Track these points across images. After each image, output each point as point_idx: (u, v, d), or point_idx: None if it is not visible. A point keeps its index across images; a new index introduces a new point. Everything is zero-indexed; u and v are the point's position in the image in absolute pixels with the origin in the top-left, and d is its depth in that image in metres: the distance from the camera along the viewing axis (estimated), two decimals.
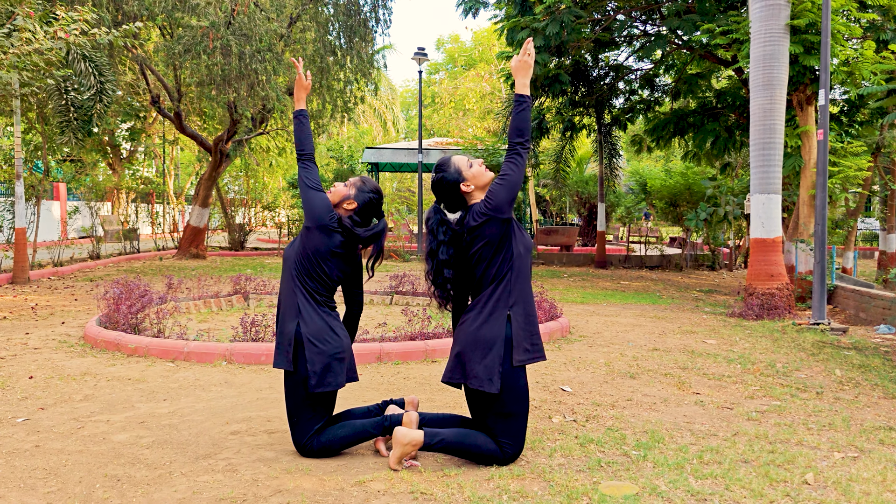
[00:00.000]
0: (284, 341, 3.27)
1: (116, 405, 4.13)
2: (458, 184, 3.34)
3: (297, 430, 3.25)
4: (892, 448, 3.71)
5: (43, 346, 5.88)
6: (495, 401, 3.16)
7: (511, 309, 3.19)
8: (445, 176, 3.35)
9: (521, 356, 3.17)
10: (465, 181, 3.33)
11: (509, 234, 3.20)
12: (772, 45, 9.23)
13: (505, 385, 3.14)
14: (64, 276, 11.89)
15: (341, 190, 3.50)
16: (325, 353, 3.24)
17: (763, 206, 9.39)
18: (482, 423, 3.26)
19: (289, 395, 3.25)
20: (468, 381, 3.18)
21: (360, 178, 3.58)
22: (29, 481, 2.97)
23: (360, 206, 3.49)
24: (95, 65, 10.42)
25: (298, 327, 3.25)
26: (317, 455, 3.25)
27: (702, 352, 6.22)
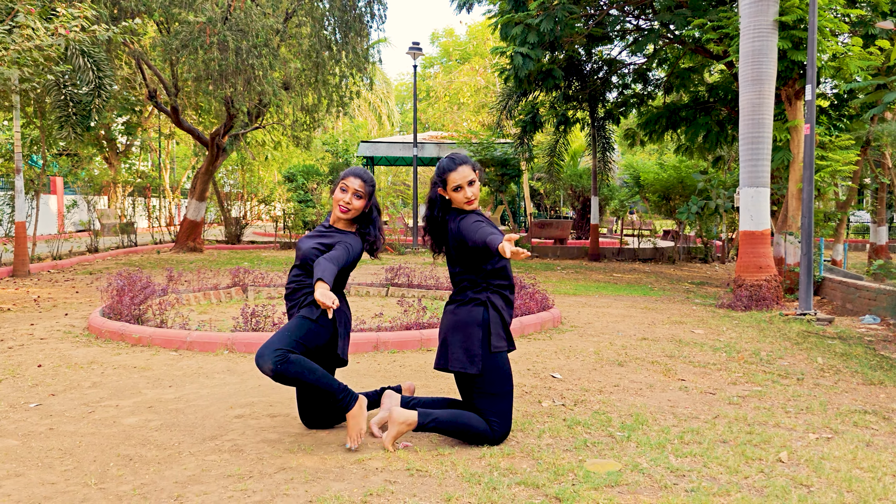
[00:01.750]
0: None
1: (124, 391, 4.30)
2: (437, 184, 3.52)
3: (282, 341, 3.29)
4: (865, 430, 3.90)
5: (49, 337, 6.05)
6: (480, 382, 3.36)
7: (488, 298, 3.40)
8: (437, 169, 3.51)
9: (497, 343, 3.37)
10: (442, 188, 3.49)
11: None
12: (760, 41, 9.40)
13: (486, 366, 3.34)
14: (63, 270, 12.03)
15: (361, 204, 3.60)
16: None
17: (752, 200, 9.57)
18: (471, 404, 3.44)
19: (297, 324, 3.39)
20: (450, 365, 3.38)
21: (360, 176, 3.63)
22: (46, 460, 3.14)
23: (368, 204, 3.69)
24: (94, 60, 10.55)
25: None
26: (279, 370, 3.21)
27: (689, 341, 6.41)
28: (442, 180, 3.47)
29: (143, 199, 24.94)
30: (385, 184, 43.11)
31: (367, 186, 3.58)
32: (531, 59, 12.94)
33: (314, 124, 17.85)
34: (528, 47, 12.86)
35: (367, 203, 3.62)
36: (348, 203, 3.54)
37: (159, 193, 26.10)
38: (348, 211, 3.56)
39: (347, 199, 3.54)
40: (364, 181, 3.58)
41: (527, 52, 12.80)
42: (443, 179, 3.47)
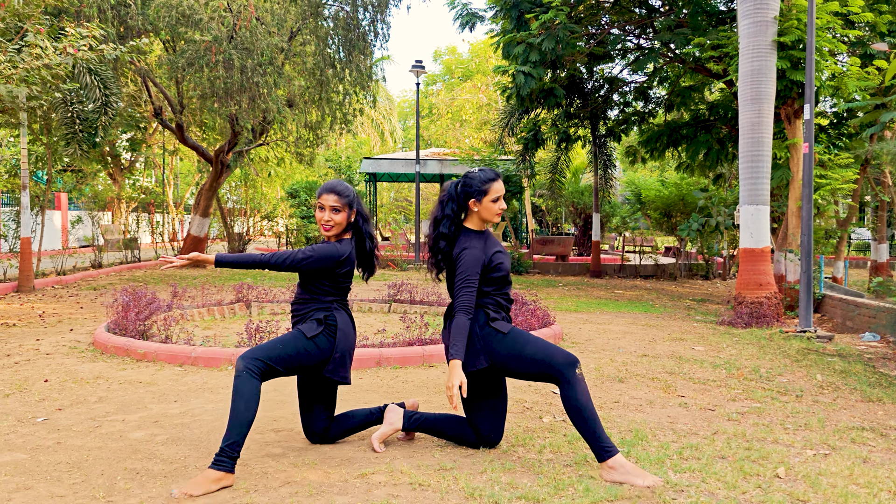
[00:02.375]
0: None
1: (130, 406, 4.35)
2: (471, 195, 3.53)
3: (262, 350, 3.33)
4: (863, 446, 3.94)
5: (54, 352, 6.11)
6: (507, 364, 3.42)
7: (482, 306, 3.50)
8: (473, 180, 3.54)
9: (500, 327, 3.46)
10: (473, 200, 3.53)
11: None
12: (759, 61, 9.52)
13: (501, 353, 3.41)
14: (68, 285, 12.10)
15: (342, 217, 3.59)
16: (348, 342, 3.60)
17: (752, 217, 9.65)
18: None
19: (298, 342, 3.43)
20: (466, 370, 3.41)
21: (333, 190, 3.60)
22: (54, 474, 3.19)
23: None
24: (101, 78, 10.67)
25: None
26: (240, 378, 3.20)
27: (689, 358, 6.46)
28: (482, 191, 3.51)
29: (147, 215, 25.07)
30: (387, 200, 43.26)
31: (342, 199, 3.55)
32: (533, 78, 13.07)
33: (317, 141, 17.97)
34: (529, 66, 12.99)
35: (350, 213, 3.60)
36: (328, 220, 3.53)
37: (163, 209, 26.23)
38: (331, 228, 3.55)
39: (327, 217, 3.53)
40: (338, 194, 3.54)
41: (528, 70, 12.93)
42: (483, 190, 3.50)
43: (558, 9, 12.72)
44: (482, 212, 3.54)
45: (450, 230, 3.55)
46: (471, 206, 3.54)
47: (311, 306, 3.57)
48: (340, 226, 3.57)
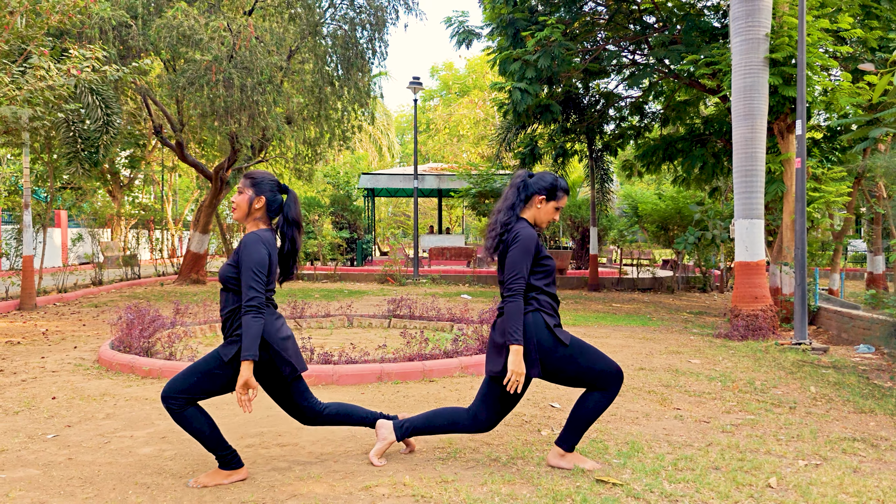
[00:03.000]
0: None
1: (137, 422, 4.45)
2: (538, 193, 3.66)
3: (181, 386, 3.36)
4: (853, 456, 4.04)
5: (60, 369, 6.20)
6: (552, 375, 3.52)
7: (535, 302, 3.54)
8: (549, 180, 3.68)
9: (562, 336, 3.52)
10: (542, 198, 3.65)
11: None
12: (752, 77, 9.67)
13: (557, 363, 3.48)
14: (69, 302, 12.19)
15: (241, 198, 3.52)
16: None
17: (746, 231, 9.77)
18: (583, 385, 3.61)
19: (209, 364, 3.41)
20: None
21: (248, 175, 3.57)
22: (67, 489, 3.28)
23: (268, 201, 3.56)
24: (102, 98, 10.83)
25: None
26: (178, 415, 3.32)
27: (685, 371, 6.56)
28: (555, 195, 3.66)
29: (147, 232, 25.19)
30: (385, 215, 43.43)
31: (245, 179, 3.54)
32: (529, 94, 13.23)
33: (316, 157, 18.13)
34: (526, 83, 13.16)
35: (255, 198, 3.50)
36: (234, 201, 3.53)
37: (162, 226, 26.34)
38: (235, 209, 3.52)
39: (234, 198, 3.53)
40: (244, 176, 3.56)
41: (525, 87, 13.10)
42: (556, 195, 3.67)
43: (553, 26, 12.91)
44: (543, 212, 3.68)
45: (515, 212, 3.66)
46: (535, 201, 3.66)
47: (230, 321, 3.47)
48: (242, 208, 3.50)
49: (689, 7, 14.82)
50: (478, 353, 6.58)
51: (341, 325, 9.31)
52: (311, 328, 8.96)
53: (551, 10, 14.66)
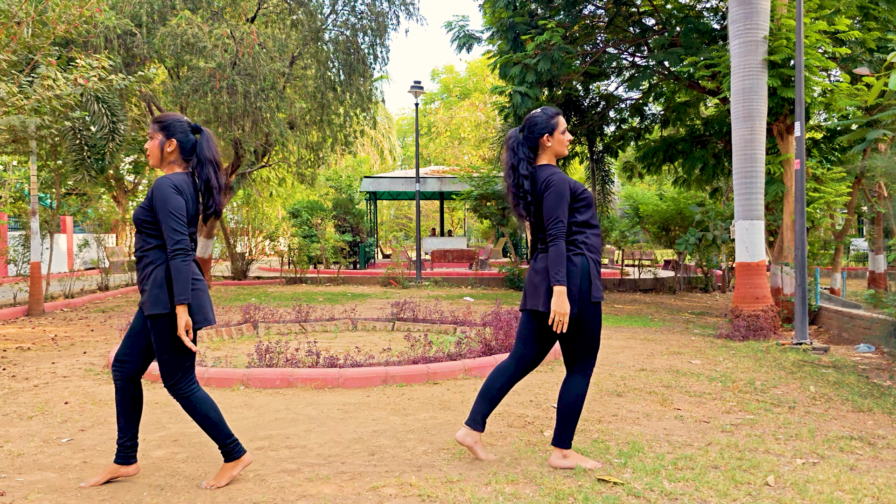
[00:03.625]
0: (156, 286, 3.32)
1: (149, 426, 4.54)
2: (544, 132, 3.77)
3: (169, 369, 3.37)
4: (850, 454, 4.13)
5: (71, 375, 6.30)
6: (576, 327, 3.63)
7: (583, 244, 3.65)
8: (539, 119, 3.79)
9: (596, 294, 3.62)
10: (549, 136, 3.77)
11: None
12: (751, 80, 9.76)
13: (586, 312, 3.60)
14: (76, 308, 12.30)
15: (152, 144, 3.48)
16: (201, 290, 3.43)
17: (747, 232, 9.86)
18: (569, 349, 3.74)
19: (161, 336, 3.33)
20: (541, 307, 3.61)
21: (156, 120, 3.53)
22: (84, 491, 3.38)
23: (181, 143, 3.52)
24: (108, 106, 10.94)
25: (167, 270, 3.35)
26: (186, 399, 3.41)
27: (686, 371, 6.65)
28: (551, 125, 3.76)
29: None
30: (388, 217, 43.54)
31: (153, 124, 3.51)
32: (530, 98, 13.34)
33: (318, 161, 18.24)
34: (526, 86, 13.26)
35: (165, 141, 3.47)
36: (146, 147, 3.51)
37: None
38: (149, 156, 3.53)
39: (146, 145, 3.50)
40: (152, 122, 3.52)
41: (525, 90, 13.20)
42: (553, 125, 3.76)
43: (553, 30, 13.01)
44: (556, 145, 3.79)
45: (527, 171, 3.75)
46: (544, 142, 3.78)
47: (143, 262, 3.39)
48: (154, 153, 3.49)
49: (689, 9, 14.93)
50: (481, 355, 6.68)
51: (345, 328, 9.41)
52: (316, 332, 9.06)
53: (551, 14, 14.77)
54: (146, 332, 3.43)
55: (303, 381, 5.76)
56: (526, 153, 3.79)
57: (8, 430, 4.50)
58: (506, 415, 4.87)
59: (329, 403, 5.19)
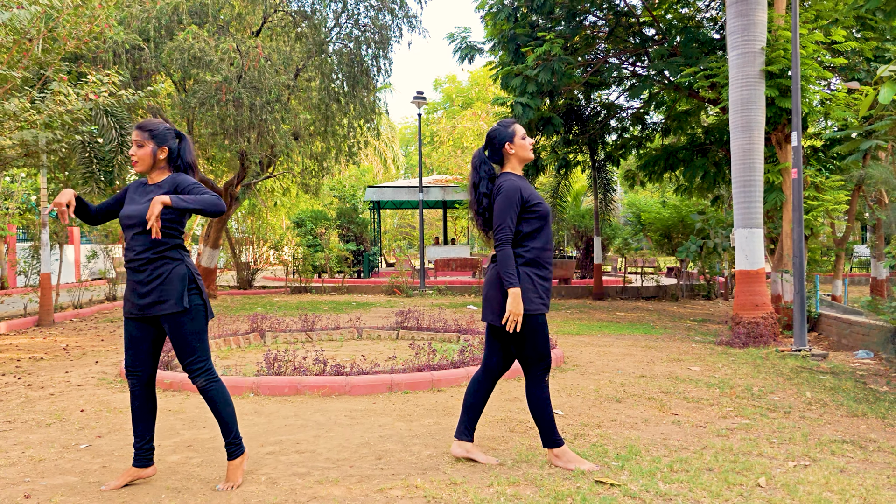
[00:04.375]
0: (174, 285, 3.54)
1: (163, 432, 4.70)
2: (504, 142, 4.00)
3: (203, 356, 3.64)
4: (841, 457, 4.27)
5: (85, 383, 6.47)
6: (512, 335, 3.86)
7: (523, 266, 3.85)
8: (497, 132, 4.02)
9: (531, 306, 3.79)
10: (510, 143, 3.99)
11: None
12: (748, 90, 9.92)
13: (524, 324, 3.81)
14: (85, 318, 12.49)
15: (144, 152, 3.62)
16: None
17: (746, 240, 10.00)
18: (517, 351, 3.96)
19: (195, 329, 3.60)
20: (482, 318, 3.92)
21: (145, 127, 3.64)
22: (105, 494, 3.54)
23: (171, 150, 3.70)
24: (117, 119, 11.14)
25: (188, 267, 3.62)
26: (215, 383, 3.65)
27: (685, 378, 6.79)
28: (509, 133, 3.98)
29: None
30: (391, 226, 43.72)
31: (143, 132, 3.61)
32: (531, 109, 13.50)
33: (322, 171, 18.44)
34: (527, 97, 13.44)
35: (157, 149, 3.63)
36: (134, 154, 3.62)
37: None
38: (136, 163, 3.62)
39: (133, 152, 3.63)
40: (141, 129, 3.62)
41: (526, 101, 13.37)
42: (510, 132, 3.98)
43: (553, 41, 13.19)
44: (519, 150, 4.00)
45: (488, 188, 3.98)
46: (507, 150, 4.00)
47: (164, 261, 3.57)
48: (145, 161, 3.62)
49: (688, 20, 15.11)
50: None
51: (351, 337, 9.57)
52: (322, 341, 9.22)
53: (552, 25, 14.96)
54: (147, 337, 3.64)
55: (311, 389, 5.92)
56: (487, 170, 3.99)
57: (28, 436, 4.67)
58: (507, 420, 5.02)
59: (336, 410, 5.35)
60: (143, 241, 3.51)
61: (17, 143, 8.88)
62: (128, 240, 3.56)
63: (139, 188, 3.68)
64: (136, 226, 3.51)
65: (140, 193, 3.64)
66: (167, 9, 12.67)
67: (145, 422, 3.67)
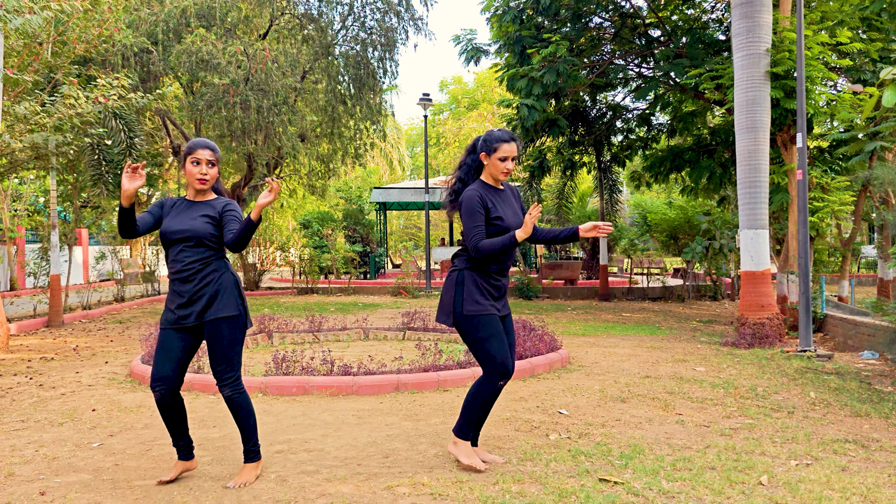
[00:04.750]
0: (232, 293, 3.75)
1: None
2: (483, 149, 3.97)
3: (236, 367, 3.74)
4: (843, 456, 4.31)
5: (95, 384, 6.55)
6: (461, 334, 3.90)
7: (467, 268, 3.90)
8: (490, 135, 3.98)
9: (468, 307, 3.83)
10: (487, 155, 3.95)
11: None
12: (754, 91, 9.95)
13: (459, 322, 3.85)
14: (94, 319, 12.59)
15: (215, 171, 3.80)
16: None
17: (751, 241, 10.03)
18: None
19: (236, 339, 3.73)
20: (435, 319, 3.98)
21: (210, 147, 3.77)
22: (118, 491, 3.62)
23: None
24: (125, 121, 11.25)
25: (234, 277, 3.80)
26: (241, 395, 3.73)
27: (690, 378, 6.83)
28: (493, 147, 3.92)
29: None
30: (397, 227, 43.80)
31: (215, 153, 3.77)
32: (536, 110, 13.56)
33: (329, 173, 18.53)
34: (533, 99, 13.49)
35: (218, 168, 3.84)
36: (205, 174, 3.73)
37: None
38: (207, 181, 3.74)
39: (204, 171, 3.72)
40: (213, 150, 3.76)
41: (532, 103, 13.42)
42: (493, 147, 3.92)
43: (558, 43, 13.24)
44: (490, 166, 3.97)
45: (467, 175, 4.01)
46: (482, 157, 3.99)
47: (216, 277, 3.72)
48: (213, 179, 3.79)
49: (694, 21, 15.14)
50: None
51: (357, 337, 9.63)
52: (329, 341, 9.29)
53: (557, 27, 15.01)
54: (185, 347, 3.71)
55: (318, 389, 5.98)
56: (473, 160, 4.04)
57: (41, 435, 4.75)
58: (513, 420, 5.08)
59: (344, 410, 5.41)
60: (191, 253, 3.67)
61: (27, 145, 8.97)
62: (174, 253, 3.69)
63: (180, 204, 3.79)
64: (188, 239, 3.66)
65: (183, 209, 3.75)
66: (175, 12, 12.78)
67: (181, 423, 3.78)
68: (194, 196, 3.81)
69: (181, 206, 3.78)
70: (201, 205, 3.77)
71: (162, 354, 3.69)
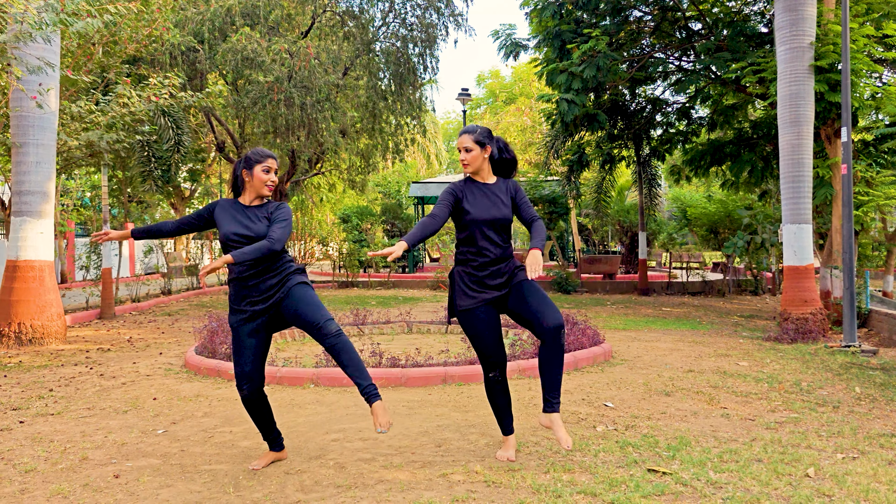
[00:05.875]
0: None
1: (233, 419, 4.99)
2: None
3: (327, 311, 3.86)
4: (890, 450, 4.35)
5: (153, 374, 6.82)
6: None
7: (455, 266, 4.10)
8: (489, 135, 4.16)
9: (459, 301, 3.98)
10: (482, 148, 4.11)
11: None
12: (797, 85, 9.87)
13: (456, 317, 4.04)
14: (144, 311, 12.97)
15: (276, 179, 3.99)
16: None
17: (794, 236, 9.97)
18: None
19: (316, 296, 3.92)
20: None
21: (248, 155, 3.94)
22: (186, 474, 3.82)
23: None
24: (174, 119, 11.57)
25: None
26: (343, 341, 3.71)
27: (733, 373, 6.87)
28: (485, 143, 4.12)
29: (208, 242, 26.20)
30: None
31: (277, 162, 4.01)
32: (576, 105, 13.57)
33: (368, 168, 18.75)
34: (572, 94, 13.51)
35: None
36: (274, 181, 3.92)
37: None
38: (273, 188, 3.94)
39: (274, 178, 3.91)
40: (276, 159, 3.97)
41: (571, 98, 13.45)
42: (486, 142, 4.12)
43: (598, 38, 13.24)
44: (470, 158, 4.13)
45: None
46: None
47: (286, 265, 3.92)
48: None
49: (735, 13, 15.00)
50: (533, 356, 6.99)
51: (401, 331, 9.81)
52: (374, 334, 9.48)
53: (597, 21, 14.99)
54: (262, 344, 3.87)
55: None
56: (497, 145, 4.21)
57: (108, 422, 5.00)
58: (560, 412, 5.17)
59: (394, 400, 5.57)
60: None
61: (83, 143, 9.29)
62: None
63: (235, 207, 3.91)
64: (247, 244, 3.78)
65: (240, 213, 3.87)
66: (220, 11, 13.06)
67: (269, 418, 3.97)
68: (250, 200, 3.91)
69: (236, 209, 3.89)
70: (258, 208, 3.90)
71: (241, 354, 3.82)
